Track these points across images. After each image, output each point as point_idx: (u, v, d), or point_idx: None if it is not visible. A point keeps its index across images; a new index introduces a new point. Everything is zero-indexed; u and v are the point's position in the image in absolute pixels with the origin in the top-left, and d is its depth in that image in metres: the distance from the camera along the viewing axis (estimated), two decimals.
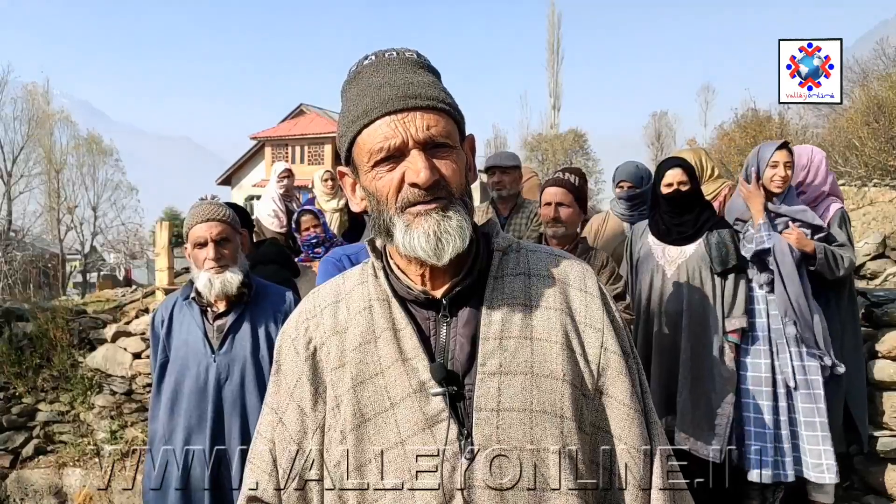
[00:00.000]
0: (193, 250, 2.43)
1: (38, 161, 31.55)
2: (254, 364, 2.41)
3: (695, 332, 3.22)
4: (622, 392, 1.08)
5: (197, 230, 2.41)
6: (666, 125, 37.26)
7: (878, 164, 9.94)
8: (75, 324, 5.66)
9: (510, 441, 1.01)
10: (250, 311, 2.48)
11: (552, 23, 33.59)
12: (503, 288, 1.10)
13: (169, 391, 2.46)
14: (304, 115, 33.03)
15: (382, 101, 1.02)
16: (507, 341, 1.06)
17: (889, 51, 14.95)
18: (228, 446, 2.35)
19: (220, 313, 2.47)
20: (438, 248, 1.01)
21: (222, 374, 2.41)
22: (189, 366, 2.44)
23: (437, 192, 1.02)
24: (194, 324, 2.47)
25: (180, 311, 2.53)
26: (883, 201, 7.87)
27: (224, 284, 2.39)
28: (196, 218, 2.43)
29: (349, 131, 1.06)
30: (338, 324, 1.13)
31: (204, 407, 2.40)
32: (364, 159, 1.04)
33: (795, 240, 3.23)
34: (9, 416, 5.43)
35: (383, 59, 1.08)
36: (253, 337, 2.44)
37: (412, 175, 1.00)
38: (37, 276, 16.67)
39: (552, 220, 2.93)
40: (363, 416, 1.05)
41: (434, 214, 1.01)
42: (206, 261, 2.39)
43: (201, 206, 2.49)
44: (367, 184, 1.06)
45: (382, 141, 1.01)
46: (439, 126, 1.03)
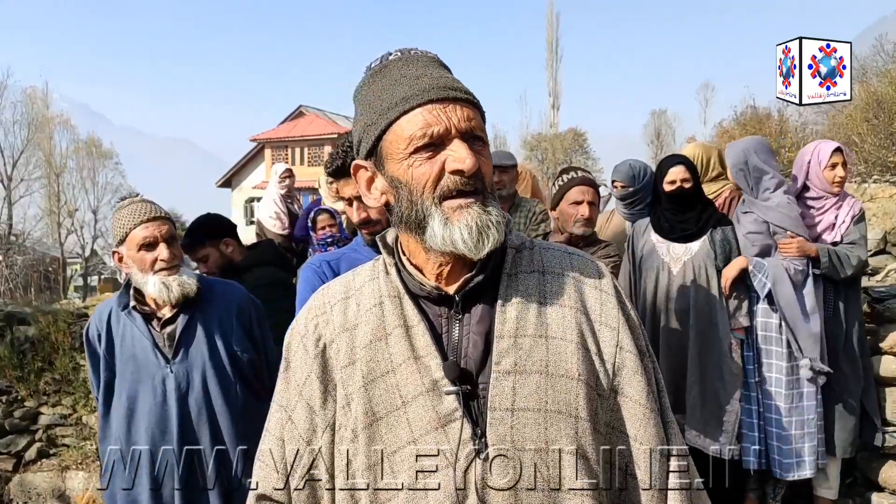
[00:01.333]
0: (138, 252, 2.21)
1: (38, 165, 31.61)
2: (214, 367, 2.25)
3: (702, 329, 3.22)
4: (638, 391, 1.07)
5: (142, 230, 2.21)
6: (665, 123, 37.28)
7: (877, 161, 9.93)
8: (77, 327, 5.65)
9: (524, 441, 1.00)
10: (201, 311, 2.29)
11: (551, 22, 33.59)
12: (517, 285, 1.09)
13: (122, 410, 2.26)
14: (303, 117, 33.07)
15: (423, 90, 1.01)
16: (523, 339, 1.04)
17: (888, 47, 14.96)
18: (202, 451, 2.21)
19: (166, 319, 2.27)
20: (480, 241, 1.00)
21: (182, 384, 2.22)
22: (142, 380, 2.24)
23: (476, 184, 1.01)
24: (139, 334, 2.25)
25: (118, 322, 2.30)
26: (883, 197, 7.86)
27: (183, 286, 2.21)
28: (138, 217, 2.22)
29: (382, 119, 1.03)
30: (347, 320, 1.11)
31: (166, 421, 2.21)
32: (401, 146, 1.02)
33: (797, 249, 3.23)
34: (11, 419, 5.42)
35: (409, 55, 1.08)
36: (209, 339, 2.27)
37: (456, 163, 0.99)
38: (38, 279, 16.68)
39: (586, 220, 2.94)
40: (374, 414, 1.04)
41: (475, 207, 1.01)
42: (156, 262, 2.20)
43: (139, 205, 2.27)
44: (399, 173, 1.03)
45: (425, 127, 1.00)
46: (476, 120, 1.04)
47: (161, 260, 2.21)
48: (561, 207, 3.04)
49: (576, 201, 2.96)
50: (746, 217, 3.40)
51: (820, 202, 3.38)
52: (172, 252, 2.24)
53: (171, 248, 2.24)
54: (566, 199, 3.00)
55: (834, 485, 3.39)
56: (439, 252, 1.04)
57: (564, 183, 3.05)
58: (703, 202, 3.38)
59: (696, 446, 3.16)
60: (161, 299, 2.23)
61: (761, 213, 3.32)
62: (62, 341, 5.54)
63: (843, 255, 3.26)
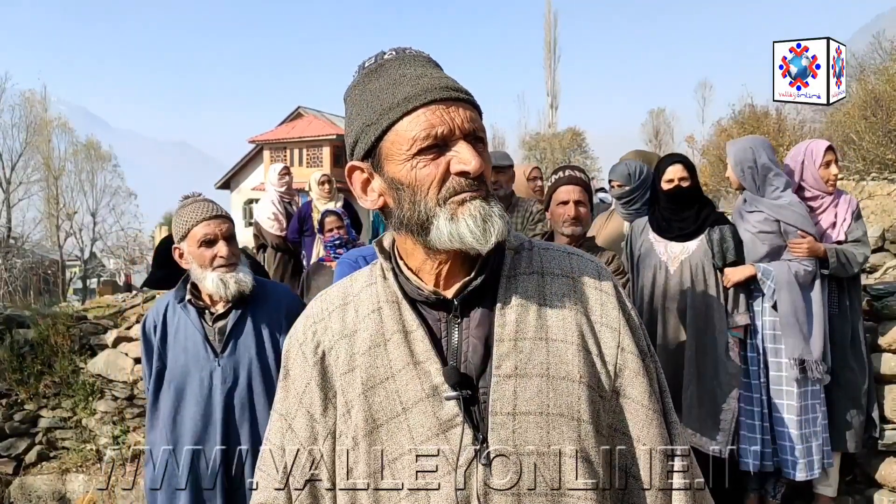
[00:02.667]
0: (198, 249, 2.29)
1: (36, 168, 31.60)
2: (260, 366, 2.32)
3: (699, 328, 3.22)
4: (640, 393, 1.06)
5: (203, 227, 2.29)
6: (664, 122, 37.34)
7: (875, 158, 9.94)
8: (76, 330, 5.65)
9: (526, 445, 0.99)
10: (251, 310, 2.37)
11: (549, 21, 33.61)
12: (516, 287, 1.07)
13: (170, 400, 2.34)
14: (301, 118, 33.06)
15: (426, 90, 0.99)
16: (523, 342, 1.03)
17: (885, 44, 14.96)
18: (240, 449, 2.27)
19: (219, 315, 2.36)
20: (487, 231, 0.99)
21: (228, 378, 2.30)
22: (191, 371, 2.32)
23: (480, 185, 1.01)
24: (192, 327, 2.34)
25: (174, 314, 2.39)
26: (881, 195, 7.87)
27: (239, 283, 2.29)
28: (200, 215, 2.31)
29: (383, 119, 1.01)
30: (346, 327, 1.10)
31: (210, 413, 2.29)
32: (403, 147, 1.00)
33: (807, 250, 3.22)
34: (11, 422, 5.42)
35: (405, 54, 1.06)
36: (257, 337, 2.34)
37: (461, 164, 0.98)
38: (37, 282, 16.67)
39: (573, 219, 2.89)
40: (375, 421, 1.03)
41: (478, 200, 1.00)
42: (216, 258, 2.28)
43: (200, 204, 2.36)
44: (401, 174, 1.01)
45: (429, 128, 0.98)
46: (478, 121, 1.03)
47: (220, 256, 2.29)
48: (551, 209, 3.01)
49: (562, 201, 2.92)
50: (754, 216, 3.38)
51: (817, 202, 3.38)
52: (231, 250, 2.32)
53: (230, 246, 2.32)
54: (554, 199, 2.97)
55: (834, 482, 3.40)
56: (441, 251, 1.02)
57: (553, 183, 3.01)
58: (701, 201, 3.37)
59: (693, 445, 3.16)
60: (218, 295, 2.31)
61: (773, 211, 3.30)
62: (62, 344, 5.54)
63: (850, 254, 3.26)
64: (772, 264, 3.25)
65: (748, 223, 3.38)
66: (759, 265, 3.25)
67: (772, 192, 3.33)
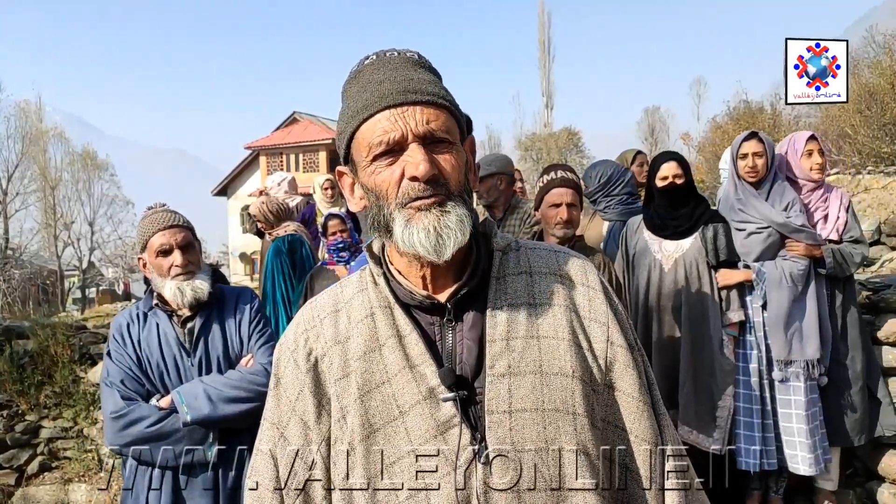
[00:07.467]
0: (156, 259, 2.36)
1: (33, 178, 31.58)
2: (227, 364, 2.40)
3: (694, 325, 3.23)
4: (631, 385, 1.07)
5: (159, 237, 2.35)
6: (659, 120, 37.36)
7: (871, 152, 9.96)
8: (76, 339, 5.65)
9: (524, 442, 1.00)
10: (216, 312, 2.45)
11: (542, 21, 33.64)
12: (506, 288, 1.09)
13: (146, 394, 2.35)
14: (297, 123, 33.03)
15: (382, 96, 1.01)
16: (514, 341, 1.04)
17: (878, 38, 14.98)
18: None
19: (185, 318, 2.41)
20: (439, 244, 0.99)
21: (198, 376, 2.37)
22: (166, 369, 2.38)
23: (436, 188, 1.00)
24: (164, 328, 2.40)
25: (143, 320, 2.44)
26: (877, 188, 7.89)
27: (195, 291, 2.35)
28: (156, 226, 2.36)
29: (348, 127, 1.04)
30: (339, 333, 1.10)
31: None
32: (363, 154, 1.02)
33: (804, 252, 3.23)
34: (13, 433, 5.41)
35: (384, 57, 1.06)
36: (223, 337, 2.43)
37: (411, 168, 0.98)
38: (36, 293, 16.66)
39: (566, 222, 2.87)
40: (371, 426, 1.03)
41: (433, 210, 0.99)
42: (172, 268, 2.34)
43: (158, 214, 2.41)
44: (365, 180, 1.04)
45: (382, 134, 1.00)
46: (439, 121, 1.02)
47: (175, 266, 2.34)
48: (542, 210, 2.98)
49: (554, 204, 2.89)
50: (753, 218, 3.37)
51: (806, 197, 3.38)
52: (187, 258, 2.36)
53: (186, 255, 2.37)
54: (546, 201, 2.93)
55: (834, 476, 3.40)
56: (412, 255, 1.03)
57: (545, 184, 2.99)
58: (695, 198, 3.38)
59: (689, 442, 3.16)
60: (175, 303, 2.38)
61: (784, 230, 3.28)
62: (62, 354, 5.53)
63: (847, 254, 3.26)
64: (765, 265, 3.26)
65: (748, 222, 3.36)
66: (754, 265, 3.26)
67: (782, 206, 3.29)
